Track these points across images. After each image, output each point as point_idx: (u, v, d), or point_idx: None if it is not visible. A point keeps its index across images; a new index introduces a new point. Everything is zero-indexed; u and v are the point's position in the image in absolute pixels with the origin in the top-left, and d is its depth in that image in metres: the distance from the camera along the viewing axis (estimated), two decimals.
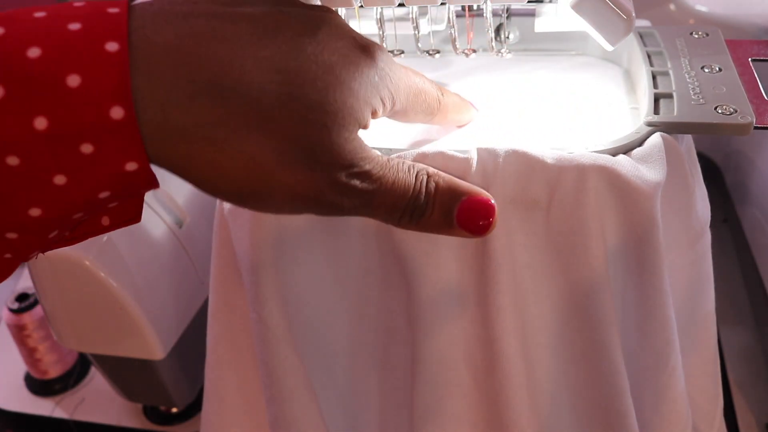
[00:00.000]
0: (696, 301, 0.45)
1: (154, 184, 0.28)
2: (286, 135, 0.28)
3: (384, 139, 0.43)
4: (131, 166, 0.27)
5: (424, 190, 0.33)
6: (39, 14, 0.26)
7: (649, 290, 0.38)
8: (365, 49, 0.31)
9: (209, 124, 0.27)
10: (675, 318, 0.40)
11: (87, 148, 0.26)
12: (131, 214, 0.31)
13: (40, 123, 0.25)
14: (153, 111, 0.26)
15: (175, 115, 0.27)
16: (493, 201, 0.34)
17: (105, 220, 0.30)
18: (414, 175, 0.33)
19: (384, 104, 0.32)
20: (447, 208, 0.33)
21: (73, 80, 0.25)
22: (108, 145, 0.26)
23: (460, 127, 0.43)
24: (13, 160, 0.25)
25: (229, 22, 0.28)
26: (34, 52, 0.25)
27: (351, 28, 0.32)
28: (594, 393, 0.39)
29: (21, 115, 0.25)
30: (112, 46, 0.25)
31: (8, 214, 0.26)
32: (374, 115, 0.32)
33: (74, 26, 0.26)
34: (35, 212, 0.27)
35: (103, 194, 0.27)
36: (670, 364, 0.40)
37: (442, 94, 0.38)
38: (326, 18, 0.31)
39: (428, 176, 0.33)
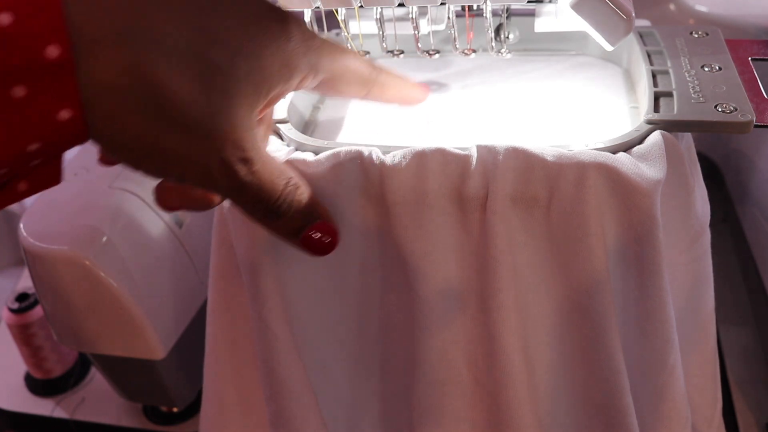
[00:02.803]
0: (696, 301, 0.45)
1: (83, 136, 0.28)
2: (190, 93, 0.28)
3: (383, 136, 0.43)
4: (65, 114, 0.26)
5: (288, 199, 0.34)
6: None
7: (648, 289, 0.38)
8: (281, 16, 0.32)
9: (123, 71, 0.27)
10: (675, 317, 0.40)
11: (19, 91, 0.25)
12: (50, 177, 0.30)
13: None
14: (87, 53, 0.26)
15: (100, 59, 0.26)
16: (337, 237, 0.36)
17: (22, 185, 0.29)
18: (284, 182, 0.34)
19: (302, 73, 0.33)
20: (300, 223, 0.35)
21: (5, 18, 0.24)
22: (42, 87, 0.25)
23: (409, 104, 0.42)
24: None
25: None
26: None
27: None
28: (594, 391, 0.39)
29: None
30: None
31: None
32: (299, 85, 0.33)
33: None
34: None
35: (33, 146, 0.26)
36: (669, 363, 0.40)
37: (377, 71, 0.38)
38: None
39: (296, 187, 0.34)
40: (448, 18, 0.45)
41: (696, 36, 0.47)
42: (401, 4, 0.43)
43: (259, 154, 0.32)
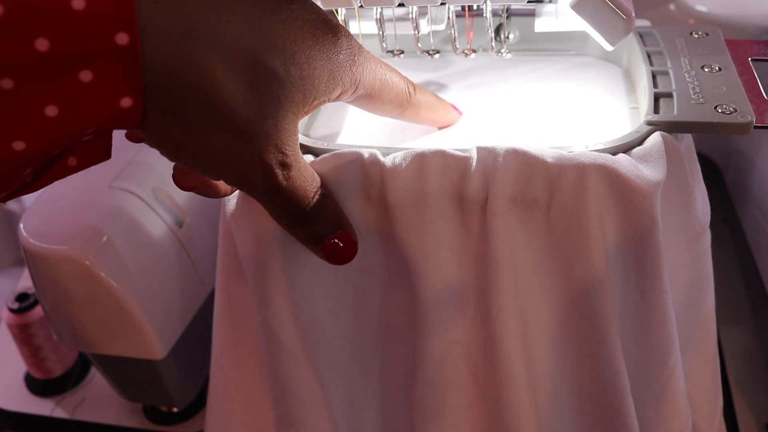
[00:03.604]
0: (696, 301, 0.45)
1: (138, 124, 0.28)
2: (243, 95, 0.29)
3: (383, 138, 0.43)
4: (126, 102, 0.27)
5: (315, 206, 0.35)
6: None
7: (649, 290, 0.38)
8: (335, 29, 0.32)
9: (184, 65, 0.28)
10: (675, 318, 0.40)
11: (86, 76, 0.25)
12: (100, 153, 0.30)
13: (42, 44, 0.24)
14: (153, 44, 0.27)
15: (164, 51, 0.27)
16: (356, 248, 0.37)
17: (72, 161, 0.30)
18: (314, 189, 0.34)
19: (344, 86, 0.33)
20: (324, 231, 0.35)
21: (78, 3, 0.25)
22: (108, 73, 0.26)
23: (441, 128, 0.43)
24: (7, 83, 0.25)
25: None
26: None
27: (322, 9, 0.33)
28: (594, 392, 0.39)
29: (22, 35, 0.24)
30: None
31: None
32: (338, 97, 0.34)
33: None
34: (19, 146, 0.26)
35: (90, 130, 0.27)
36: (670, 364, 0.40)
37: (415, 91, 0.39)
38: None
39: (324, 196, 0.35)
40: (448, 18, 0.45)
41: (696, 36, 0.47)
42: (401, 4, 0.43)
43: (297, 160, 0.33)
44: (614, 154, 0.37)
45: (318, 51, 0.31)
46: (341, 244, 0.36)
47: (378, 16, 0.45)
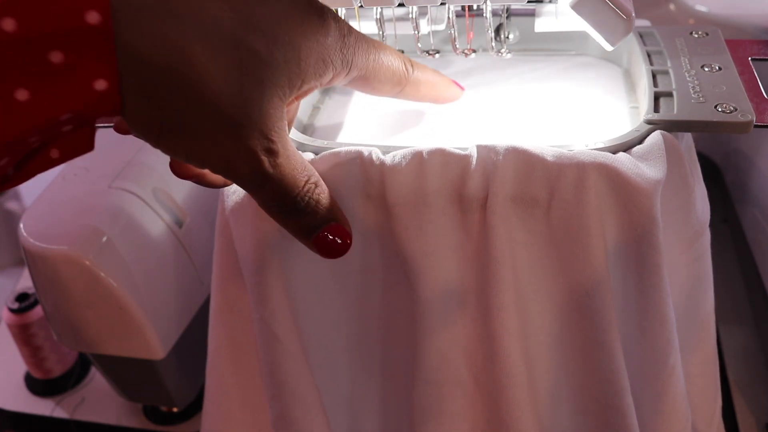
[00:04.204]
0: (695, 301, 0.45)
1: (117, 109, 0.27)
2: (225, 78, 0.28)
3: (383, 137, 0.43)
4: (101, 84, 0.26)
5: (306, 196, 0.33)
6: None
7: (648, 289, 0.38)
8: (320, 11, 0.32)
9: (160, 46, 0.27)
10: (675, 317, 0.40)
11: (57, 57, 0.25)
12: (82, 144, 0.30)
13: (8, 24, 0.23)
14: (127, 23, 0.26)
15: (139, 30, 0.26)
16: (350, 241, 0.35)
17: (54, 153, 0.29)
18: (305, 179, 0.33)
19: (336, 69, 0.33)
20: (315, 223, 0.34)
21: None
22: (79, 54, 0.25)
23: (443, 102, 0.43)
24: None
25: None
26: None
27: None
28: (594, 391, 0.39)
29: None
30: None
31: None
32: (331, 81, 0.33)
33: None
34: None
35: (65, 116, 0.26)
36: (669, 364, 0.40)
37: (413, 68, 0.38)
38: None
39: (315, 186, 0.34)
40: (448, 18, 0.45)
41: (696, 36, 0.47)
42: (401, 4, 0.43)
43: (285, 147, 0.31)
44: (614, 152, 0.37)
45: (303, 33, 0.31)
46: (334, 237, 0.34)
47: (378, 16, 0.45)
